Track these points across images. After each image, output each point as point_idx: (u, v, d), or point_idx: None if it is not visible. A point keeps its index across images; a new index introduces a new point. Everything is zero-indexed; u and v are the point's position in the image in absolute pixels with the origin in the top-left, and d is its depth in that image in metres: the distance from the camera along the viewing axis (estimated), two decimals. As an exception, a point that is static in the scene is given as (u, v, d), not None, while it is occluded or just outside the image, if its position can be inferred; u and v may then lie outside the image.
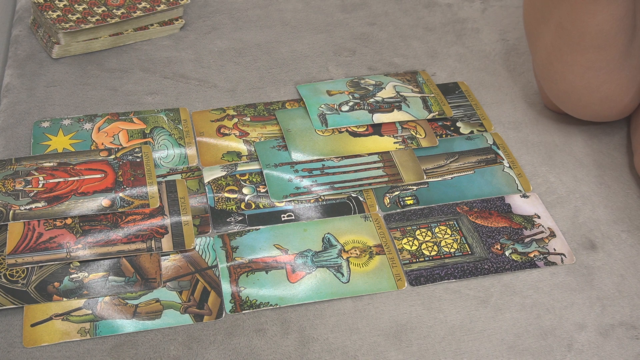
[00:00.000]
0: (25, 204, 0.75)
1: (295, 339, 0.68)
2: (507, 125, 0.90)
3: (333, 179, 0.81)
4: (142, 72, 0.96)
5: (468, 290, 0.72)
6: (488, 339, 0.68)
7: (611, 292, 0.73)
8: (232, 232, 0.76)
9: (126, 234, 0.74)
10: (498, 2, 1.11)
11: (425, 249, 0.75)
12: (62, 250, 0.72)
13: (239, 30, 1.04)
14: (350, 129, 0.87)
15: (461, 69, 0.99)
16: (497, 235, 0.77)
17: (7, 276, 0.70)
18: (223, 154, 0.85)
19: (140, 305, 0.69)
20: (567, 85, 0.81)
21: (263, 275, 0.72)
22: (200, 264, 0.73)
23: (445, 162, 0.85)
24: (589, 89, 0.80)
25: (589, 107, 0.83)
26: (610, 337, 0.69)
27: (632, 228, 0.79)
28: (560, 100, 0.85)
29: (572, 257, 0.75)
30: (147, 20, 1.00)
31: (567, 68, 0.79)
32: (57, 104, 0.90)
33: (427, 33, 1.05)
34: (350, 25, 1.06)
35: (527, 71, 0.98)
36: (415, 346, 0.67)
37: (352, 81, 0.94)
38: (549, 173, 0.84)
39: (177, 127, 0.87)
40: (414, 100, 0.91)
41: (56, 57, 0.97)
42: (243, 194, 0.80)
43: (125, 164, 0.81)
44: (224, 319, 0.69)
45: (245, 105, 0.91)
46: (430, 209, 0.80)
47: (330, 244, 0.75)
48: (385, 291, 0.72)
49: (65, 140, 0.85)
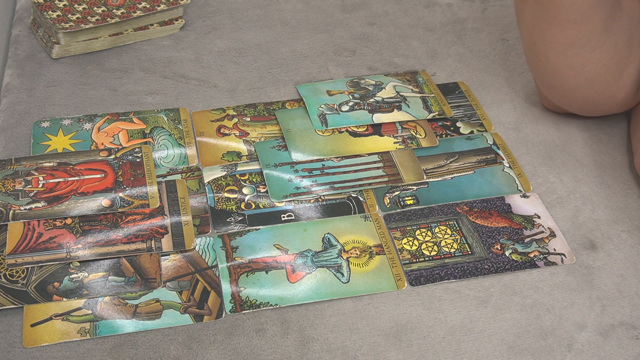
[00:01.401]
0: (25, 204, 0.75)
1: (295, 339, 0.68)
2: (507, 125, 0.90)
3: (333, 179, 0.81)
4: (142, 72, 0.96)
5: (468, 290, 0.72)
6: (488, 339, 0.68)
7: (611, 292, 0.73)
8: (232, 232, 0.76)
9: (126, 234, 0.74)
10: (498, 2, 1.11)
11: (425, 249, 0.75)
12: (62, 250, 0.72)
13: (239, 30, 1.04)
14: (350, 129, 0.87)
15: (461, 69, 0.99)
16: (497, 235, 0.77)
17: (7, 276, 0.70)
18: (223, 154, 0.85)
19: (140, 305, 0.69)
20: (551, 65, 0.81)
21: (263, 275, 0.72)
22: (200, 264, 0.73)
23: (445, 162, 0.85)
24: (573, 69, 0.80)
25: (577, 92, 0.83)
26: (611, 337, 0.69)
27: (632, 228, 0.79)
28: (549, 86, 0.85)
29: (572, 257, 0.75)
30: (147, 20, 1.00)
31: (548, 46, 0.80)
32: (57, 104, 0.90)
33: (427, 33, 1.05)
34: (350, 25, 1.06)
35: (527, 71, 0.98)
36: (415, 346, 0.67)
37: (352, 81, 0.94)
38: (549, 173, 0.84)
39: (177, 127, 0.87)
40: (414, 100, 0.91)
41: (56, 57, 0.97)
42: (243, 194, 0.80)
43: (125, 164, 0.81)
44: (224, 319, 0.69)
45: (245, 105, 0.91)
46: (430, 209, 0.80)
47: (330, 244, 0.75)
48: (385, 291, 0.72)
49: (65, 140, 0.85)
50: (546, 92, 0.87)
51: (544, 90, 0.87)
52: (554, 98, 0.87)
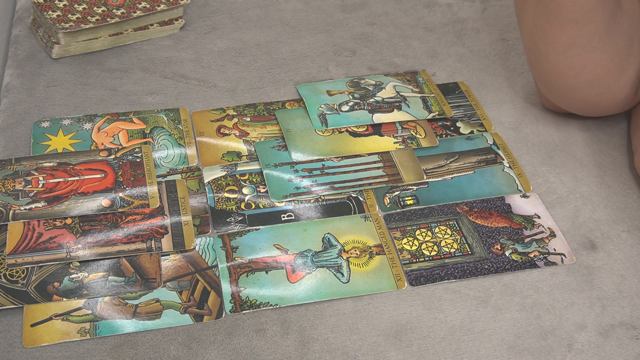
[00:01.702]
0: (25, 204, 0.75)
1: (295, 339, 0.68)
2: (507, 125, 0.90)
3: (333, 179, 0.81)
4: (142, 72, 0.96)
5: (468, 290, 0.72)
6: (488, 339, 0.68)
7: (611, 292, 0.73)
8: (232, 232, 0.76)
9: (126, 234, 0.74)
10: (498, 2, 1.11)
11: (425, 249, 0.75)
12: (62, 250, 0.72)
13: (239, 30, 1.04)
14: (350, 129, 0.87)
15: (461, 69, 0.99)
16: (497, 235, 0.77)
17: (7, 276, 0.70)
18: (223, 154, 0.85)
19: (140, 305, 0.69)
20: (552, 65, 0.81)
21: (263, 275, 0.72)
22: (200, 264, 0.73)
23: (445, 162, 0.85)
24: (573, 69, 0.80)
25: (577, 92, 0.83)
26: (611, 337, 0.69)
27: (632, 228, 0.79)
28: (549, 87, 0.85)
29: (572, 257, 0.75)
30: (147, 20, 1.00)
31: (549, 46, 0.80)
32: (57, 104, 0.90)
33: (427, 33, 1.05)
34: (350, 25, 1.06)
35: (527, 71, 0.98)
36: (415, 346, 0.67)
37: (352, 81, 0.94)
38: (549, 173, 0.84)
39: (177, 127, 0.87)
40: (414, 100, 0.91)
41: (56, 57, 0.97)
42: (243, 194, 0.80)
43: (125, 164, 0.81)
44: (224, 319, 0.69)
45: (245, 105, 0.91)
46: (430, 209, 0.80)
47: (330, 244, 0.75)
48: (385, 291, 0.72)
49: (65, 140, 0.85)
50: (546, 92, 0.87)
51: (544, 90, 0.87)
52: (554, 98, 0.87)
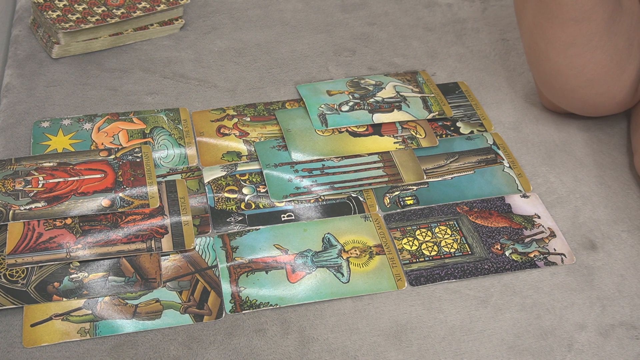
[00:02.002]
0: (25, 204, 0.75)
1: (295, 339, 0.68)
2: (507, 125, 0.90)
3: (333, 179, 0.81)
4: (142, 72, 0.96)
5: (468, 290, 0.72)
6: (488, 339, 0.68)
7: (611, 292, 0.73)
8: (232, 232, 0.76)
9: (126, 234, 0.74)
10: (498, 2, 1.11)
11: (425, 249, 0.75)
12: (62, 250, 0.72)
13: (239, 30, 1.04)
14: (350, 129, 0.87)
15: (461, 69, 0.99)
16: (497, 235, 0.77)
17: (7, 276, 0.70)
18: (223, 154, 0.85)
19: (140, 305, 0.69)
20: (552, 65, 0.81)
21: (263, 275, 0.72)
22: (200, 264, 0.73)
23: (445, 162, 0.85)
24: (574, 69, 0.80)
25: (578, 92, 0.83)
26: (611, 337, 0.69)
27: (632, 228, 0.79)
28: (549, 86, 0.85)
29: (572, 257, 0.75)
30: (147, 20, 1.00)
31: (549, 45, 0.80)
32: (57, 104, 0.90)
33: (427, 33, 1.05)
34: (350, 25, 1.06)
35: (527, 71, 0.98)
36: (415, 346, 0.67)
37: (352, 81, 0.94)
38: (549, 173, 0.84)
39: (177, 127, 0.87)
40: (414, 100, 0.91)
41: (56, 57, 0.97)
42: (243, 194, 0.80)
43: (125, 164, 0.81)
44: (224, 319, 0.69)
45: (245, 105, 0.91)
46: (430, 209, 0.80)
47: (330, 244, 0.75)
48: (385, 291, 0.72)
49: (65, 140, 0.85)
50: (546, 92, 0.87)
51: (544, 90, 0.87)
52: (554, 98, 0.87)
